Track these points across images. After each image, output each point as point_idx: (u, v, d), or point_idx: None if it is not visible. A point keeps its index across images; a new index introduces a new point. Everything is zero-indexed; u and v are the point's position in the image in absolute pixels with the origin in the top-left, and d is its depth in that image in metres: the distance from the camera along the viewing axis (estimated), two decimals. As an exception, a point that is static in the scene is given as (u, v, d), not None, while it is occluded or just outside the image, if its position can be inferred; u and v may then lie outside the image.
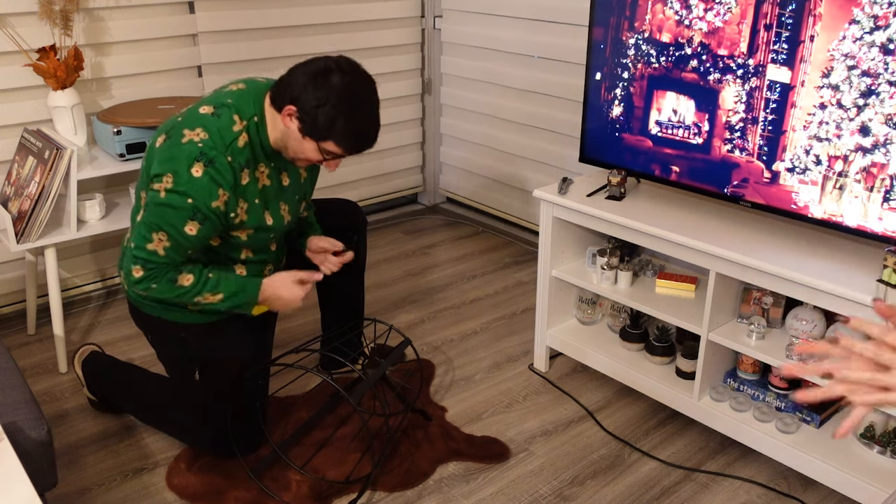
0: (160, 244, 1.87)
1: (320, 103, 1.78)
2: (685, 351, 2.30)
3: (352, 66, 1.83)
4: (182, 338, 2.08)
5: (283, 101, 1.83)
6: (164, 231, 1.84)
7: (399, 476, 2.14)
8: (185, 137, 1.82)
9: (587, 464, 2.22)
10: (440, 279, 3.31)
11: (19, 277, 2.92)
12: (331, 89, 1.78)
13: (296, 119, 1.82)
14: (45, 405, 2.44)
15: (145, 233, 1.86)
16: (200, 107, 1.88)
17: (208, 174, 1.80)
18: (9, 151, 2.73)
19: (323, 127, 1.81)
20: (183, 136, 1.82)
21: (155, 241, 1.86)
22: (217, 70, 3.14)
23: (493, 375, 2.63)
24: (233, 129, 1.85)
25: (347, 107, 1.80)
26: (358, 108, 1.84)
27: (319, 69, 1.80)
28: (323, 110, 1.79)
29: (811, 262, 1.93)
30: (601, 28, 2.31)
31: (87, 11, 2.76)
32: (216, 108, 1.86)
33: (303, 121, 1.81)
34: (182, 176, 1.79)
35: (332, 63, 1.81)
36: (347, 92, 1.80)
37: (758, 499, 2.09)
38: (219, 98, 1.91)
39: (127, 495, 2.09)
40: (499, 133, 3.58)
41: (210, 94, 1.97)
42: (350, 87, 1.81)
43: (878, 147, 1.83)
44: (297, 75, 1.82)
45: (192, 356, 2.09)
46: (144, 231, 1.86)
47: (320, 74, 1.79)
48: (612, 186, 2.35)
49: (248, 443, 2.17)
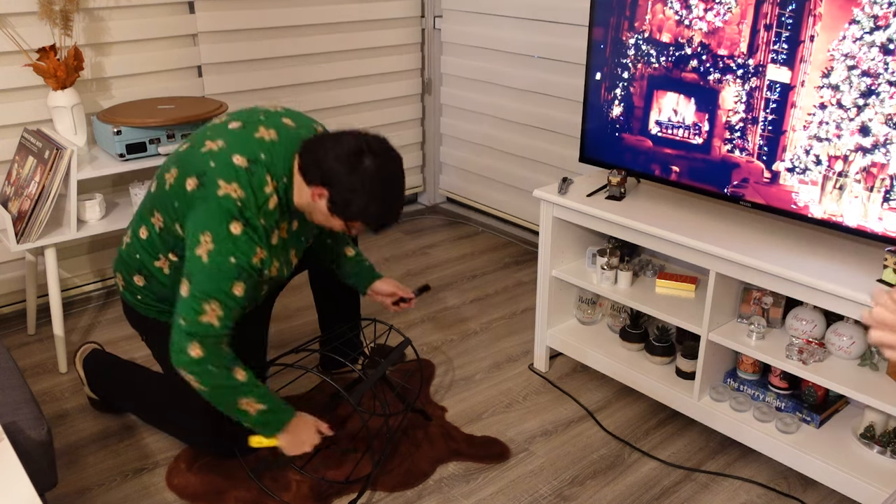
0: (213, 314, 1.79)
1: (352, 189, 1.78)
2: (685, 351, 2.30)
3: (383, 146, 1.82)
4: None
5: (313, 179, 1.81)
6: (215, 299, 1.78)
7: (399, 476, 2.14)
8: (221, 190, 1.77)
9: (587, 464, 2.22)
10: (440, 279, 3.31)
11: (19, 277, 2.92)
12: (363, 174, 1.77)
13: (326, 200, 1.82)
14: (45, 405, 2.44)
15: (195, 306, 1.77)
16: (233, 153, 1.81)
17: (246, 233, 1.78)
18: (9, 151, 2.73)
19: (353, 212, 1.82)
20: (218, 188, 1.78)
21: (208, 312, 1.78)
22: (217, 70, 3.14)
23: (493, 375, 2.63)
24: (265, 189, 1.81)
25: (378, 192, 1.80)
26: (388, 193, 1.84)
27: (352, 151, 1.78)
28: (354, 196, 1.79)
29: (811, 262, 1.93)
30: (601, 28, 2.31)
31: (87, 11, 2.76)
32: (250, 163, 1.80)
33: (333, 203, 1.81)
34: (221, 234, 1.76)
35: (363, 144, 1.79)
36: (378, 177, 1.79)
37: (758, 499, 2.09)
38: (251, 146, 1.84)
39: (127, 495, 2.09)
40: (499, 133, 3.58)
41: (238, 125, 1.89)
42: (381, 172, 1.80)
43: (878, 147, 1.83)
44: (329, 155, 1.78)
45: None
46: (194, 305, 1.77)
47: (353, 157, 1.77)
48: (612, 186, 2.35)
49: (248, 443, 2.17)
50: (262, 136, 1.86)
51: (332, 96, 3.52)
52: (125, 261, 2.06)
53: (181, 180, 1.84)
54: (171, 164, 1.91)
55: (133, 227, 2.04)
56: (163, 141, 2.65)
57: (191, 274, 1.79)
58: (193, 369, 1.80)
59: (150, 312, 2.09)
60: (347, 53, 3.51)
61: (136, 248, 2.02)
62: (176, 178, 1.86)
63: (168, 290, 2.03)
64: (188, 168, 1.84)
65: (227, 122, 1.93)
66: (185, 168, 1.85)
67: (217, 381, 1.82)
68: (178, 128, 2.67)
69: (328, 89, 3.50)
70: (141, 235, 1.99)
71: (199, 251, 1.78)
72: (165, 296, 2.04)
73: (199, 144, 1.88)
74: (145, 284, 2.04)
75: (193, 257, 1.79)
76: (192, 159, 1.85)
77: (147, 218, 1.97)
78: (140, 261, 2.01)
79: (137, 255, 2.01)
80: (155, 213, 1.94)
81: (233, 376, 1.83)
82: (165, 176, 1.91)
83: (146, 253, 1.99)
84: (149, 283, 2.03)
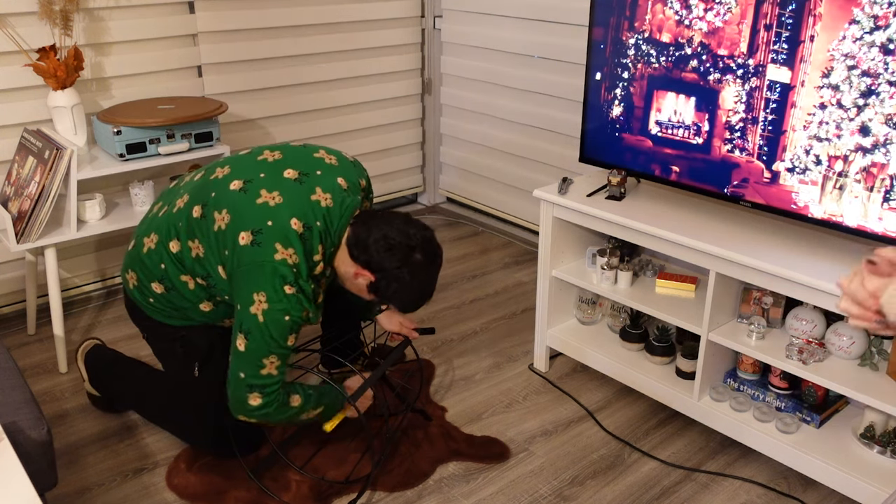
0: (272, 366, 1.88)
1: (397, 281, 1.89)
2: (685, 351, 2.30)
3: (430, 243, 1.93)
4: (182, 336, 2.09)
5: (361, 262, 1.91)
6: (273, 353, 1.86)
7: (399, 476, 2.14)
8: (279, 254, 1.82)
9: (587, 464, 2.22)
10: (440, 279, 3.31)
11: (19, 277, 2.92)
12: (410, 271, 1.89)
13: (367, 281, 1.93)
14: (45, 405, 2.44)
15: (256, 361, 1.86)
16: (291, 216, 1.85)
17: (297, 297, 1.85)
18: (9, 151, 2.73)
19: (389, 297, 1.94)
20: (275, 252, 1.82)
21: (267, 365, 1.87)
22: (217, 70, 3.14)
23: (493, 375, 2.63)
24: (314, 257, 1.89)
25: (418, 286, 1.93)
26: (426, 287, 1.96)
27: (403, 245, 1.87)
28: (396, 288, 1.91)
29: (811, 262, 1.93)
30: (601, 28, 2.31)
31: (87, 11, 2.76)
32: (305, 230, 1.86)
33: (375, 288, 1.93)
34: (276, 295, 1.82)
35: (414, 239, 1.89)
36: (421, 275, 1.92)
37: (758, 499, 2.09)
38: (307, 210, 1.87)
39: (127, 495, 2.09)
40: (499, 133, 3.58)
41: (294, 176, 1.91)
42: (425, 271, 1.92)
43: (878, 147, 1.83)
44: (381, 245, 1.87)
45: (192, 353, 2.10)
46: (255, 360, 1.86)
47: (404, 252, 1.88)
48: (612, 186, 2.35)
49: (248, 443, 2.17)
50: (319, 199, 1.90)
51: (332, 96, 3.52)
52: (145, 265, 2.02)
53: (234, 230, 1.85)
54: (222, 202, 1.89)
55: (161, 236, 1.98)
56: (163, 141, 2.65)
57: (248, 332, 1.84)
58: (255, 415, 1.91)
59: (156, 315, 2.09)
60: (347, 53, 3.51)
61: (162, 257, 1.98)
62: (228, 224, 1.86)
63: (187, 304, 2.02)
64: (243, 219, 1.85)
65: (280, 165, 1.94)
66: (240, 217, 1.86)
67: (278, 418, 1.94)
68: (178, 128, 2.67)
69: (328, 89, 3.50)
70: (171, 249, 1.96)
71: (253, 310, 1.83)
72: (182, 307, 2.03)
73: (253, 191, 1.88)
74: (163, 293, 2.02)
75: (248, 315, 1.84)
76: (247, 209, 1.86)
77: (183, 238, 1.94)
78: (164, 271, 1.99)
79: (163, 264, 1.98)
80: (196, 241, 1.92)
81: (290, 407, 1.94)
82: (215, 215, 1.89)
83: (174, 266, 1.97)
84: (168, 293, 2.02)
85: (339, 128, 3.59)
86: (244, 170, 1.94)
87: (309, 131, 3.50)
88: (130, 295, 2.12)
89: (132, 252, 2.08)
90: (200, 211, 1.92)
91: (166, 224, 1.98)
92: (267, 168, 1.93)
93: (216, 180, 1.95)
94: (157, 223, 2.02)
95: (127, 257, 2.10)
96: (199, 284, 1.97)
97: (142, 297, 2.08)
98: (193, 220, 1.92)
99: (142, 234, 2.06)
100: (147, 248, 2.02)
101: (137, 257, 2.05)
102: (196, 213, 1.92)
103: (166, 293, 2.02)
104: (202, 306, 2.03)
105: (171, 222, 1.97)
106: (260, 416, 1.91)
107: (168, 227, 1.98)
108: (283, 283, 1.82)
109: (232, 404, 1.92)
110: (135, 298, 2.10)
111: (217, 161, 2.05)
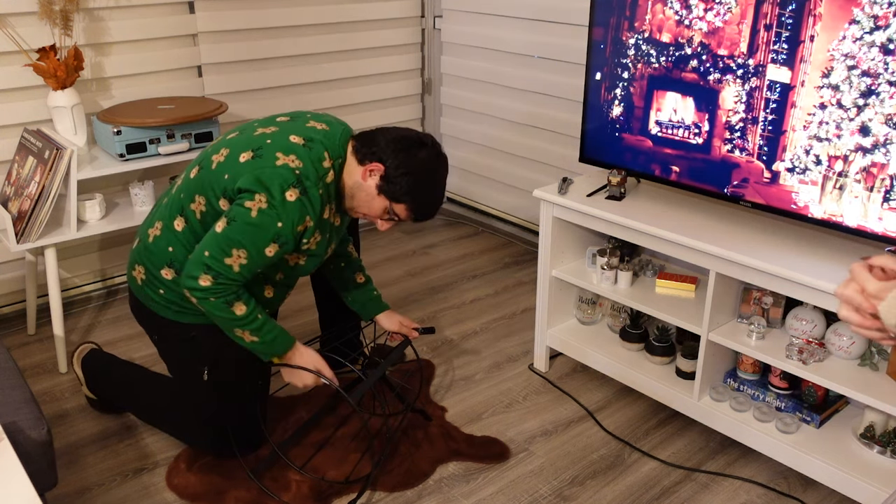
0: (237, 260, 1.86)
1: (407, 170, 1.90)
2: (685, 351, 2.30)
3: (436, 144, 1.99)
4: (192, 336, 2.07)
5: (368, 157, 1.92)
6: (245, 249, 1.85)
7: (399, 476, 2.14)
8: (280, 160, 1.85)
9: (587, 464, 2.22)
10: (440, 279, 3.31)
11: (19, 277, 2.92)
12: (418, 159, 1.92)
13: (378, 177, 1.92)
14: (45, 405, 2.44)
15: (224, 246, 1.85)
16: (289, 134, 1.91)
17: (300, 201, 1.84)
18: (9, 151, 2.73)
19: (401, 192, 1.93)
20: (277, 159, 1.85)
21: (234, 256, 1.85)
22: (217, 70, 3.14)
23: (493, 375, 2.63)
24: (323, 164, 1.90)
25: (428, 180, 1.96)
26: (436, 183, 1.99)
27: (410, 139, 1.93)
28: (406, 178, 1.91)
29: (811, 262, 1.93)
30: (601, 28, 2.31)
31: (87, 11, 2.76)
32: (307, 141, 1.90)
33: (385, 179, 1.92)
34: (276, 198, 1.82)
35: (420, 136, 1.95)
36: (431, 167, 1.96)
37: (758, 499, 2.09)
38: (306, 132, 1.93)
39: (127, 495, 2.09)
40: (499, 133, 3.58)
41: (287, 121, 1.98)
42: (434, 164, 1.96)
43: (878, 147, 1.83)
44: (387, 138, 1.92)
45: (201, 354, 2.08)
46: (224, 244, 1.84)
47: (410, 145, 1.92)
48: (612, 186, 2.35)
49: (248, 443, 2.17)
50: (314, 125, 1.97)
51: (332, 96, 3.52)
52: (153, 253, 2.02)
53: (234, 156, 1.90)
54: (220, 146, 1.97)
55: (164, 221, 2.00)
56: (163, 141, 2.66)
57: (233, 219, 1.84)
58: (196, 294, 1.88)
59: (166, 313, 2.06)
60: (347, 53, 3.51)
61: (169, 240, 1.99)
62: (227, 156, 1.92)
63: None
64: (242, 146, 1.91)
65: (273, 117, 2.02)
66: (238, 147, 1.91)
67: (214, 310, 1.90)
68: (178, 128, 2.67)
69: (328, 89, 3.50)
70: (176, 228, 1.98)
71: (248, 204, 1.83)
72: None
73: (250, 131, 1.96)
74: (175, 278, 2.00)
75: (242, 208, 1.84)
76: (245, 140, 1.92)
77: (185, 206, 1.96)
78: (173, 254, 1.99)
79: (171, 247, 1.99)
80: (196, 198, 1.94)
81: (230, 310, 1.89)
82: (213, 157, 1.94)
83: (181, 246, 1.98)
84: (179, 277, 2.00)
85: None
86: (242, 127, 2.03)
87: (309, 131, 3.50)
88: (138, 294, 2.09)
89: (137, 247, 2.07)
90: (198, 168, 1.98)
91: (168, 208, 2.02)
92: (259, 120, 2.03)
93: (212, 148, 2.02)
94: (160, 211, 2.05)
95: (132, 255, 2.10)
96: None
97: (152, 292, 2.05)
98: (192, 180, 1.97)
99: (145, 228, 2.07)
100: (153, 236, 2.03)
101: (143, 250, 2.04)
102: (193, 173, 1.98)
103: (177, 277, 2.00)
104: None
105: (171, 202, 2.01)
106: (201, 298, 1.87)
107: (170, 209, 2.00)
108: (286, 187, 1.82)
109: (183, 275, 1.89)
110: (143, 297, 2.08)
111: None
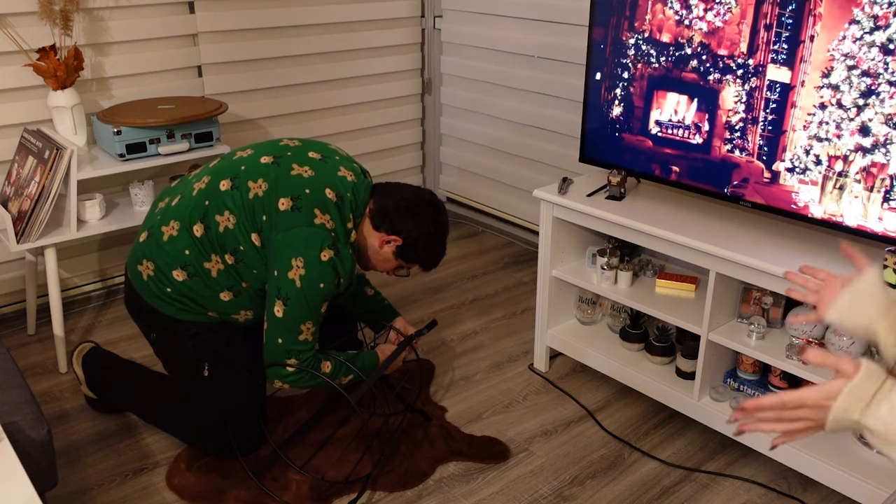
0: (308, 332, 1.98)
1: (420, 236, 2.07)
2: (685, 351, 2.30)
3: (438, 201, 2.13)
4: (194, 333, 2.07)
5: (385, 229, 2.06)
6: (310, 320, 1.96)
7: (399, 476, 2.14)
8: (318, 219, 1.95)
9: (587, 464, 2.22)
10: (440, 279, 3.31)
11: (19, 277, 2.92)
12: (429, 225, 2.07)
13: (395, 245, 2.07)
14: (45, 405, 2.44)
15: (293, 327, 1.95)
16: (325, 187, 1.98)
17: (332, 262, 1.94)
18: (9, 151, 2.73)
19: (417, 255, 2.10)
20: (314, 217, 1.94)
21: (304, 331, 1.97)
22: (217, 70, 3.14)
23: (493, 375, 2.64)
24: (347, 225, 2.02)
25: (439, 239, 2.12)
26: (444, 238, 2.15)
27: (420, 205, 2.07)
28: (421, 242, 2.08)
29: (811, 262, 1.93)
30: (601, 28, 2.31)
31: (87, 11, 2.76)
32: (338, 199, 1.99)
33: (403, 248, 2.08)
34: (312, 261, 1.92)
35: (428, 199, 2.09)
36: (442, 229, 2.12)
37: (758, 499, 2.09)
38: (338, 185, 2.01)
39: (127, 495, 2.09)
40: (499, 133, 3.58)
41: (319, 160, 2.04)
42: (442, 223, 2.12)
43: (878, 147, 1.83)
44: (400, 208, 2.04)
45: (202, 352, 2.08)
46: (292, 326, 1.95)
47: (421, 210, 2.07)
48: (612, 186, 2.35)
49: (248, 443, 2.17)
50: (344, 175, 2.05)
51: (332, 96, 3.52)
52: (167, 252, 2.00)
53: (273, 196, 1.95)
54: (255, 173, 1.99)
55: (183, 222, 1.99)
56: (163, 141, 2.66)
57: (287, 298, 1.93)
58: (289, 380, 2.01)
59: (169, 310, 2.04)
60: (347, 53, 3.51)
61: (186, 243, 1.98)
62: (266, 191, 1.96)
63: (207, 292, 2.01)
64: (280, 186, 1.96)
65: (302, 148, 2.08)
66: (277, 184, 1.97)
67: (310, 381, 2.03)
68: (178, 128, 2.67)
69: (328, 89, 3.50)
70: (195, 233, 1.97)
71: (291, 275, 1.92)
72: (200, 295, 2.01)
73: (285, 165, 2.01)
74: (185, 280, 2.00)
75: (286, 281, 1.92)
76: (283, 177, 1.98)
77: (210, 215, 1.96)
78: (189, 257, 1.98)
79: (187, 250, 1.98)
80: (226, 213, 1.95)
81: (321, 373, 2.02)
82: (249, 184, 1.97)
83: (198, 251, 1.97)
84: (191, 279, 1.99)
85: (339, 128, 3.59)
86: (269, 150, 2.07)
87: (309, 131, 3.50)
88: (141, 290, 2.06)
89: (147, 242, 2.03)
90: (230, 183, 1.99)
91: (188, 209, 2.00)
92: (291, 149, 2.07)
93: (242, 158, 2.05)
94: (176, 211, 2.02)
95: (140, 248, 2.06)
96: (225, 268, 1.98)
97: (156, 289, 2.03)
98: (223, 193, 1.98)
99: (158, 224, 2.03)
100: (168, 235, 2.00)
101: (156, 246, 2.02)
102: (225, 187, 1.99)
103: (188, 280, 1.99)
104: (222, 295, 2.02)
105: (193, 205, 1.99)
106: (293, 381, 2.01)
107: (190, 212, 1.99)
108: (322, 249, 1.92)
109: (269, 370, 2.01)
110: (146, 292, 2.05)
111: (234, 150, 2.14)
